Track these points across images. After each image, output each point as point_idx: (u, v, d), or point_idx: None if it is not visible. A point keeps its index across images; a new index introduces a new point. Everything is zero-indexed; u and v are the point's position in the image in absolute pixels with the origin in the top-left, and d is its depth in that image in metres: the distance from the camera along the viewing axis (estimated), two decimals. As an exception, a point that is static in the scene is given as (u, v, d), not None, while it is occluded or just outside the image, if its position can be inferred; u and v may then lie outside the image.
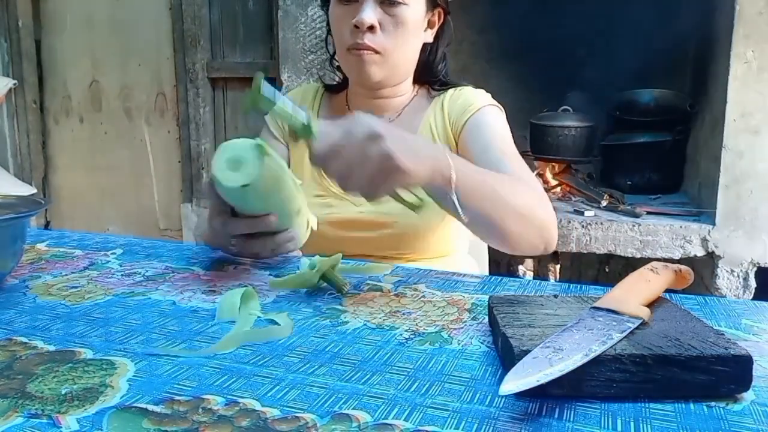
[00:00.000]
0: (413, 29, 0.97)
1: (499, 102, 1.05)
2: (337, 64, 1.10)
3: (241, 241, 0.81)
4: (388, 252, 0.99)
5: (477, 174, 0.77)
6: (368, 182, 0.64)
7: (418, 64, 1.05)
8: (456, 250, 1.08)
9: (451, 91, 1.06)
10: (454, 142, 1.02)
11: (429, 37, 1.03)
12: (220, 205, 0.79)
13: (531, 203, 0.83)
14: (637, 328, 0.50)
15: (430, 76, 1.08)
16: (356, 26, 0.93)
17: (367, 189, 0.65)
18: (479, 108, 1.00)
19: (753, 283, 1.73)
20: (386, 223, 0.97)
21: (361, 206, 0.99)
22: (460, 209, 0.72)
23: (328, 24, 1.05)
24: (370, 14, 0.93)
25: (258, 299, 0.68)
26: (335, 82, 1.14)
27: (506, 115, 1.05)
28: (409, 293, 0.72)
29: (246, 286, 0.71)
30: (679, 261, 1.64)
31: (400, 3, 0.94)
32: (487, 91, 1.07)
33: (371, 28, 0.94)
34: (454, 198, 0.70)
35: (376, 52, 0.95)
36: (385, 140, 0.63)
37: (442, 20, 1.04)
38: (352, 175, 0.64)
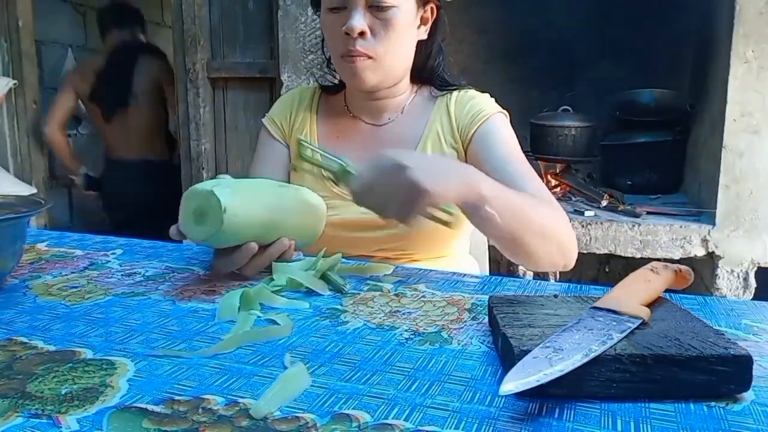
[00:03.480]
0: (405, 30, 0.97)
1: (499, 102, 1.05)
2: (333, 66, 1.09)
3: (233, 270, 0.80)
4: (391, 252, 0.99)
5: (507, 191, 0.82)
6: (400, 208, 0.73)
7: (414, 61, 1.04)
8: (458, 250, 1.07)
9: (455, 93, 1.05)
10: (462, 148, 1.01)
11: (423, 34, 1.02)
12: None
13: (552, 222, 0.86)
14: (637, 328, 0.50)
15: (428, 72, 1.07)
16: (347, 33, 0.93)
17: (401, 214, 0.73)
18: (488, 116, 1.00)
19: (753, 283, 1.73)
20: (389, 223, 0.97)
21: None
22: (497, 217, 0.77)
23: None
24: (359, 20, 0.93)
25: (261, 299, 0.68)
26: (332, 84, 1.14)
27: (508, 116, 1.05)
28: (409, 293, 0.72)
29: (246, 286, 0.71)
30: (679, 261, 1.63)
31: (389, 6, 0.93)
32: (487, 92, 1.07)
33: (362, 33, 0.93)
34: (488, 208, 0.76)
35: (369, 57, 0.95)
36: (410, 170, 0.71)
37: (435, 15, 1.03)
38: (386, 205, 0.74)
